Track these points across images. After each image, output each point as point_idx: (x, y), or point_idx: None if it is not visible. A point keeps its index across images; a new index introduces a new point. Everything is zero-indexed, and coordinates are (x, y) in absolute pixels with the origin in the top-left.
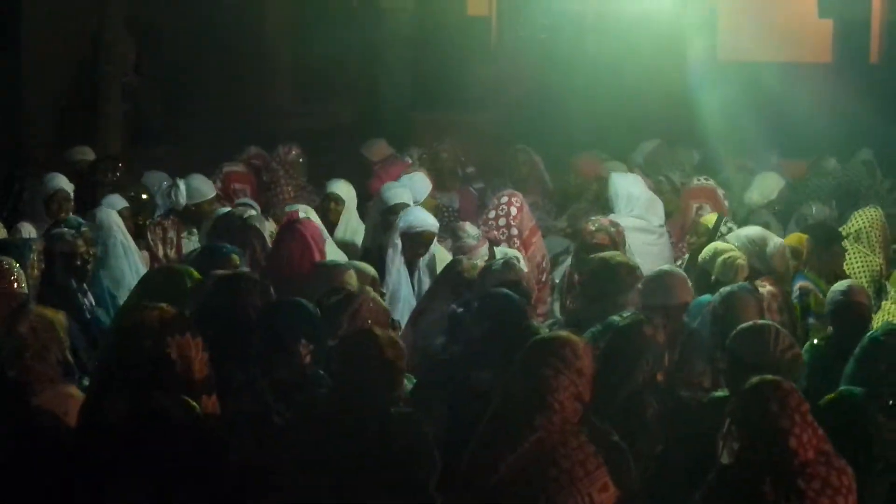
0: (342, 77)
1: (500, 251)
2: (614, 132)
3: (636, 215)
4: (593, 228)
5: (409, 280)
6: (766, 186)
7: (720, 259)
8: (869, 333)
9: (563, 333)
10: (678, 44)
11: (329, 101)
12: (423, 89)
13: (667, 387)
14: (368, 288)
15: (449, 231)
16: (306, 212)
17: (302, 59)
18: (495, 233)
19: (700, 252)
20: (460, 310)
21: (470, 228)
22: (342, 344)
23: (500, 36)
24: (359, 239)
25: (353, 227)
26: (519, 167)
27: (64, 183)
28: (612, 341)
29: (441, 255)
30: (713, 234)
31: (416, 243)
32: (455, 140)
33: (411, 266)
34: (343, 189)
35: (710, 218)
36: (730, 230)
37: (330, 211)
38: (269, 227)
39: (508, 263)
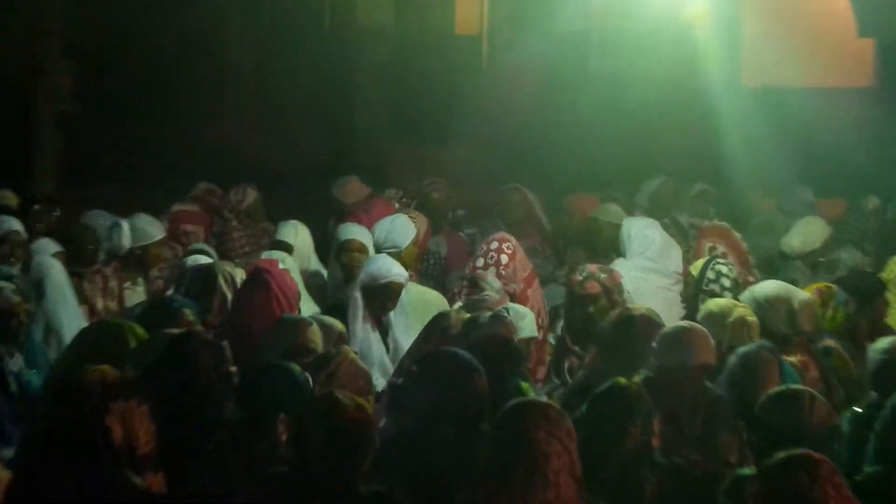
0: (312, 107)
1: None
2: (624, 167)
3: (649, 257)
4: (581, 277)
5: (379, 340)
6: (810, 233)
7: (728, 322)
8: (891, 402)
9: (542, 398)
10: (696, 67)
11: (297, 133)
12: (403, 120)
13: (666, 456)
14: (347, 348)
15: (467, 280)
16: (283, 260)
17: (267, 87)
18: (514, 285)
19: (691, 302)
20: (399, 380)
21: (492, 280)
22: (300, 413)
23: (492, 58)
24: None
25: (310, 274)
26: (512, 208)
27: (17, 225)
28: (592, 407)
29: (419, 304)
30: (699, 282)
31: (381, 297)
32: (445, 179)
33: (381, 323)
34: (291, 233)
35: (698, 264)
36: (718, 275)
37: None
38: (239, 275)
39: (497, 316)
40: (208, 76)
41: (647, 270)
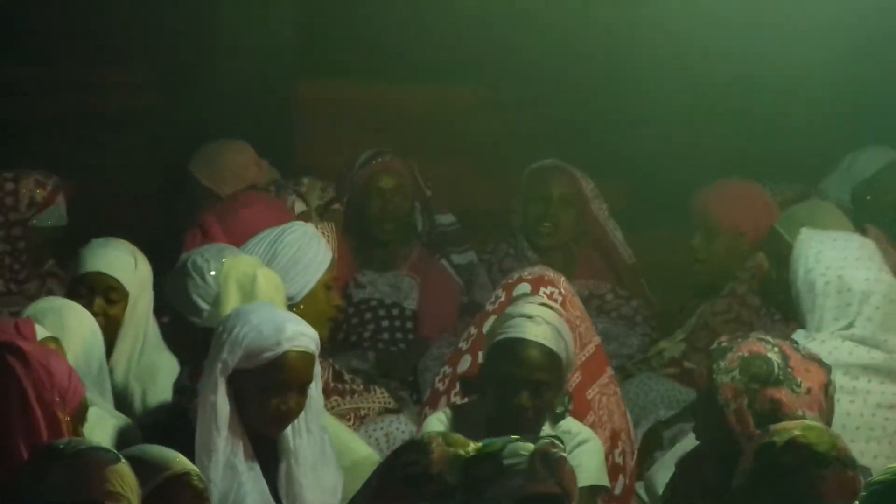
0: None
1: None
2: (742, 142)
3: (861, 337)
4: (728, 370)
5: (263, 487)
6: None
7: None
8: None
9: None
10: None
11: (113, 64)
12: (317, 41)
13: None
14: None
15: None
16: (52, 313)
17: None
18: None
19: None
20: None
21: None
22: None
23: None
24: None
25: (149, 341)
26: (552, 211)
27: None
28: None
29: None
30: None
31: (271, 389)
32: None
33: (271, 449)
34: (118, 259)
35: None
36: None
37: (94, 310)
38: None
39: (544, 454)
40: None
41: (860, 369)
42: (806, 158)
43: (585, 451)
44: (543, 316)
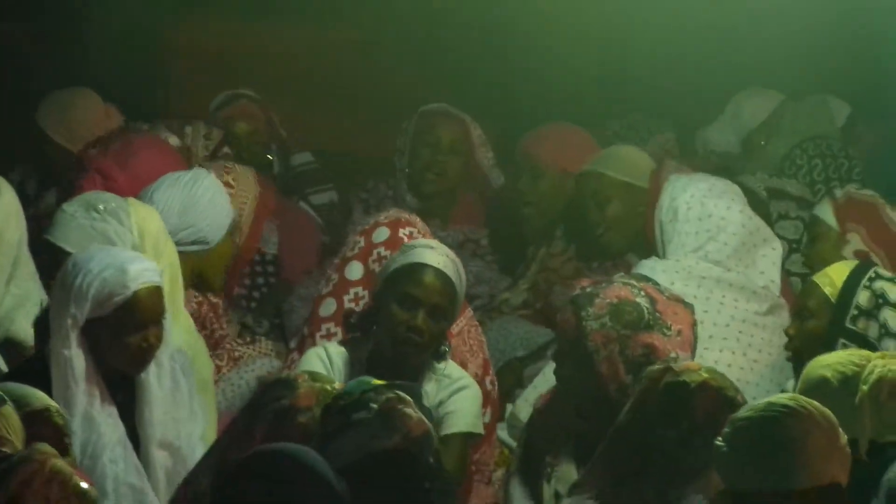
0: None
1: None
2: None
3: (716, 259)
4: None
5: (122, 432)
6: None
7: (867, 399)
8: None
9: None
10: None
11: None
12: None
13: None
14: (45, 448)
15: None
16: None
17: None
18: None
19: (807, 354)
20: None
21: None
22: None
23: None
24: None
25: (21, 289)
26: (438, 155)
27: None
28: None
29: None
30: (841, 311)
31: (130, 330)
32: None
33: (125, 387)
34: None
35: (838, 271)
36: (879, 299)
37: None
38: None
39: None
40: None
41: (715, 282)
42: (685, 106)
43: (463, 398)
44: (444, 249)
